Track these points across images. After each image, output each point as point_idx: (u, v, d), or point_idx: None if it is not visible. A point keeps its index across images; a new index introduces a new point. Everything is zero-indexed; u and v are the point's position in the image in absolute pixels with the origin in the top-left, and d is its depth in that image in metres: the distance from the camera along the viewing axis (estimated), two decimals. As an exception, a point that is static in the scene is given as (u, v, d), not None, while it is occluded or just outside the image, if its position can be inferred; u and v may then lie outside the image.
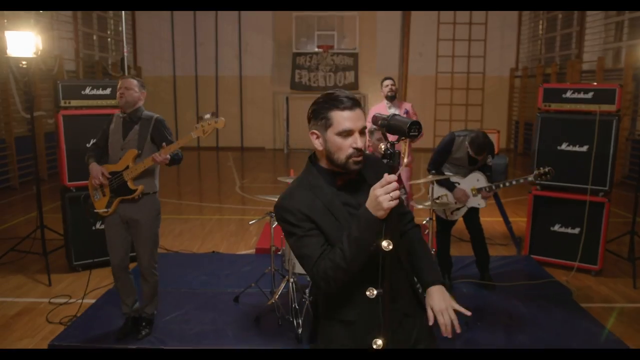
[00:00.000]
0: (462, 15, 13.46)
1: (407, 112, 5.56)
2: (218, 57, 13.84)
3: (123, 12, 6.41)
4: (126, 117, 3.41)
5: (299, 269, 3.73)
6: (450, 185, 4.32)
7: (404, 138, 1.64)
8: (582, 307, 4.04)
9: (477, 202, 4.28)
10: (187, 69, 13.91)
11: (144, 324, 3.56)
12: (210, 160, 12.77)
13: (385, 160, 1.61)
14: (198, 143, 13.91)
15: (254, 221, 4.06)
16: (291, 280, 3.68)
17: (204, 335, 3.57)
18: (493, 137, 5.45)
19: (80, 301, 4.03)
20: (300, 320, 3.53)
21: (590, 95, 4.62)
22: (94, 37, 12.20)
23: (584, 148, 4.67)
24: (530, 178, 4.17)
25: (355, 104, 1.73)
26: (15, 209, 7.52)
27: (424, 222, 4.02)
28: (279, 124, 14.08)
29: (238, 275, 4.58)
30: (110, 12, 12.74)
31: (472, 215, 4.41)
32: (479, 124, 13.71)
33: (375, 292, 1.67)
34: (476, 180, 4.27)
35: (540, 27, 12.97)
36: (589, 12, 10.59)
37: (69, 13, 10.81)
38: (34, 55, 4.42)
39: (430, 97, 13.72)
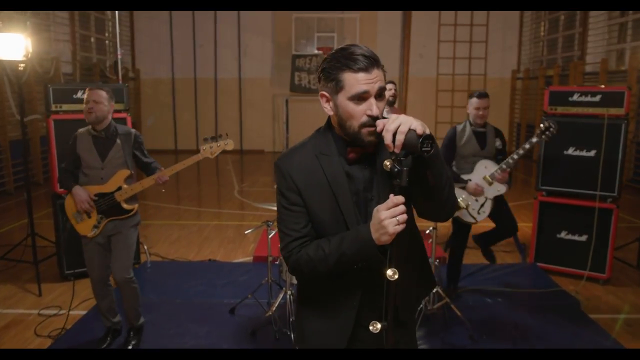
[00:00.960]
0: (463, 17, 13.32)
1: None
2: (217, 59, 13.71)
3: (117, 12, 6.25)
4: (100, 134, 3.23)
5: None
6: (461, 182, 4.03)
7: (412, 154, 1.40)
8: (591, 318, 3.90)
9: (496, 189, 3.99)
10: (186, 71, 13.77)
11: (132, 334, 3.43)
12: (209, 163, 12.62)
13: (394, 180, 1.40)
14: (197, 146, 13.77)
15: (250, 230, 3.92)
16: (289, 292, 3.54)
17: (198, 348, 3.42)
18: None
19: (70, 313, 3.88)
20: (298, 334, 3.39)
21: (597, 98, 4.48)
22: (92, 39, 12.07)
23: (592, 153, 4.52)
24: (535, 139, 3.97)
25: (373, 63, 1.48)
26: (10, 214, 7.38)
27: (427, 231, 3.87)
28: (278, 126, 13.94)
29: (235, 285, 4.44)
30: (109, 14, 12.61)
31: (500, 208, 4.12)
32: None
33: (379, 325, 1.49)
34: (484, 167, 4.00)
35: (542, 28, 12.83)
36: (591, 13, 10.45)
37: (66, 15, 10.68)
38: (24, 58, 4.28)
39: (431, 99, 13.58)
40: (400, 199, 1.40)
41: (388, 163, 1.40)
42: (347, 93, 1.50)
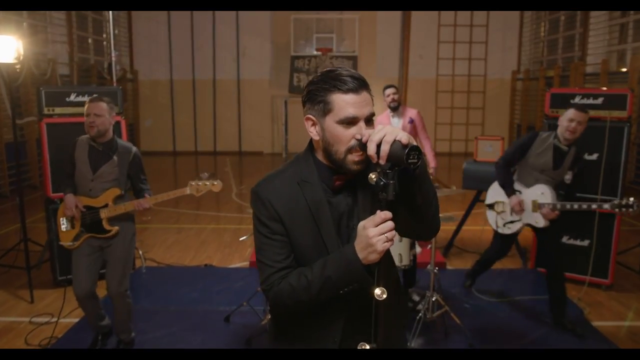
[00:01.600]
0: (463, 17, 13.25)
1: (412, 121, 5.23)
2: (215, 60, 13.64)
3: (110, 13, 6.17)
4: (98, 146, 3.12)
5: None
6: (509, 191, 3.71)
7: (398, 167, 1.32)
8: (594, 326, 3.82)
9: (534, 219, 3.68)
10: (184, 73, 13.70)
11: (121, 346, 3.34)
12: (207, 164, 12.55)
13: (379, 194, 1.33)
14: (196, 147, 13.70)
15: (245, 237, 3.84)
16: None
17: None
18: (497, 145, 5.25)
19: (60, 320, 3.80)
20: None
21: (600, 100, 4.40)
22: (89, 41, 12.01)
23: (594, 156, 4.44)
24: (606, 206, 3.53)
25: (362, 85, 1.42)
26: (5, 217, 7.32)
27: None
28: (277, 128, 13.87)
29: (230, 292, 4.36)
30: (106, 15, 12.53)
31: (544, 238, 3.78)
32: (481, 127, 13.51)
33: (368, 347, 1.41)
34: (540, 193, 3.65)
35: (542, 29, 12.76)
36: (592, 13, 10.38)
37: (63, 16, 10.61)
38: (15, 61, 4.20)
39: (430, 100, 13.51)
40: (388, 214, 1.32)
41: (373, 176, 1.33)
42: (335, 116, 1.43)
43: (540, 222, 3.66)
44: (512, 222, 3.78)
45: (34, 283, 4.36)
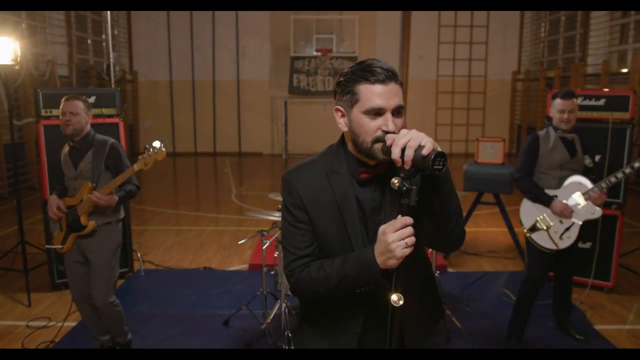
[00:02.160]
0: (463, 18, 13.22)
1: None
2: (215, 61, 13.61)
3: (109, 13, 6.13)
4: (76, 145, 3.08)
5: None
6: (546, 199, 3.32)
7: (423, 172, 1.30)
8: (596, 329, 3.78)
9: (589, 211, 3.30)
10: (183, 74, 13.67)
11: (118, 348, 3.31)
12: (207, 166, 12.52)
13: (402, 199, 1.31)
14: (195, 149, 13.66)
15: (243, 240, 3.80)
16: (284, 303, 3.42)
17: (190, 363, 3.31)
18: (499, 146, 5.21)
19: (58, 324, 3.76)
20: (292, 348, 3.27)
21: (602, 102, 4.36)
22: (89, 41, 11.97)
23: (596, 158, 4.40)
24: None
25: (390, 76, 1.41)
26: (4, 219, 7.28)
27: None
28: (277, 129, 13.84)
29: (230, 295, 4.32)
30: (105, 16, 12.50)
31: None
32: (481, 128, 13.48)
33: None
34: (578, 184, 3.32)
35: (543, 29, 12.73)
36: (593, 14, 10.35)
37: (62, 17, 10.58)
38: (13, 62, 4.16)
39: (431, 100, 13.48)
40: (409, 220, 1.30)
41: (396, 181, 1.31)
42: (361, 106, 1.43)
43: (596, 211, 3.30)
44: (567, 229, 3.32)
45: (32, 286, 4.32)
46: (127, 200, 3.19)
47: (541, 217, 3.34)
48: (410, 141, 1.28)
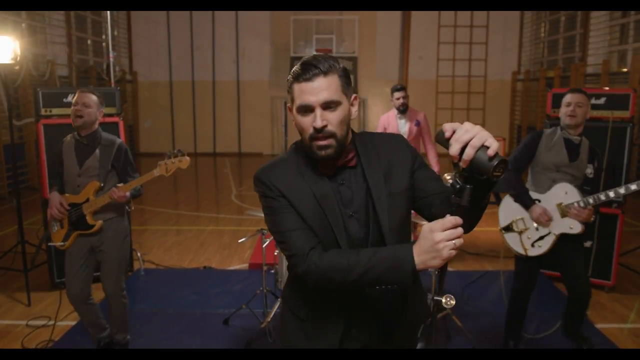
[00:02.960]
0: (463, 18, 13.22)
1: (418, 124, 5.21)
2: (215, 61, 13.61)
3: (108, 13, 6.14)
4: (82, 140, 3.06)
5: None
6: (527, 201, 3.12)
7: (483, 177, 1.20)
8: (597, 328, 3.77)
9: (567, 225, 3.06)
10: (183, 74, 13.67)
11: (117, 347, 3.30)
12: (207, 166, 12.52)
13: (453, 197, 1.24)
14: (195, 149, 13.65)
15: (243, 239, 3.79)
16: (284, 302, 3.41)
17: (190, 362, 3.30)
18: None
19: (58, 323, 3.76)
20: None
21: (602, 100, 4.36)
22: (88, 42, 11.97)
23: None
24: None
25: (319, 72, 1.40)
26: (3, 219, 7.28)
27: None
28: (277, 129, 13.84)
29: (229, 294, 4.31)
30: (105, 16, 12.50)
31: (570, 257, 3.15)
32: (481, 129, 13.45)
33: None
34: (564, 193, 3.07)
35: (543, 29, 12.72)
36: (593, 14, 10.34)
37: (62, 17, 10.58)
38: (12, 61, 4.16)
39: (430, 101, 13.47)
40: (459, 220, 1.24)
41: (448, 177, 1.30)
42: (295, 105, 1.46)
43: (575, 226, 3.05)
44: (541, 237, 3.12)
45: (31, 285, 4.32)
46: (135, 198, 3.18)
47: (518, 218, 3.17)
48: (473, 140, 1.18)
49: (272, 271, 3.86)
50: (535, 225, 3.13)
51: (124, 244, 3.22)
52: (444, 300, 1.26)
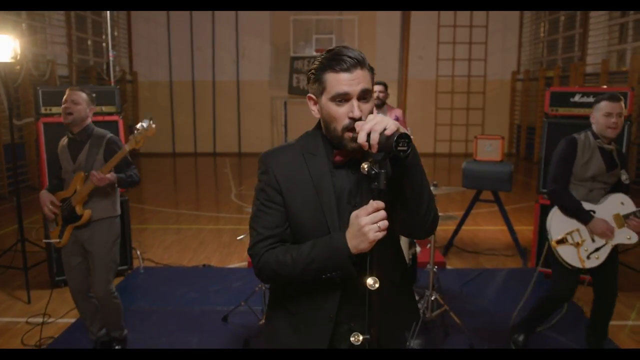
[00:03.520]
0: (463, 18, 13.24)
1: (397, 119, 5.22)
2: (215, 61, 13.63)
3: (108, 12, 6.16)
4: (75, 137, 3.08)
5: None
6: (585, 216, 3.00)
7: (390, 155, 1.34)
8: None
9: (625, 235, 3.00)
10: (183, 74, 13.69)
11: (114, 343, 3.32)
12: (207, 166, 12.54)
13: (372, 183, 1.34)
14: (195, 149, 13.68)
15: (242, 237, 3.81)
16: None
17: (189, 359, 3.32)
18: (497, 144, 5.23)
19: (57, 321, 3.78)
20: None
21: (599, 99, 4.37)
22: (89, 42, 12.00)
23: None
24: None
25: (356, 64, 1.45)
26: (3, 218, 7.30)
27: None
28: (277, 129, 13.85)
29: (228, 292, 4.33)
30: (105, 16, 12.52)
31: (609, 266, 3.08)
32: (480, 128, 13.49)
33: (361, 338, 1.40)
34: (620, 203, 3.01)
35: (542, 29, 12.75)
36: (592, 14, 10.37)
37: (62, 17, 10.60)
38: (12, 60, 4.18)
39: (430, 101, 13.50)
40: (380, 203, 1.33)
41: (365, 165, 1.35)
42: (328, 94, 1.47)
43: (633, 237, 2.99)
44: (597, 249, 3.03)
45: (31, 284, 4.34)
46: (128, 187, 3.17)
47: (574, 230, 3.05)
48: (375, 125, 1.32)
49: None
50: (591, 236, 3.03)
51: (115, 246, 3.19)
52: (370, 282, 1.33)
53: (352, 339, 1.42)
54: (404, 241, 3.47)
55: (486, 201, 5.56)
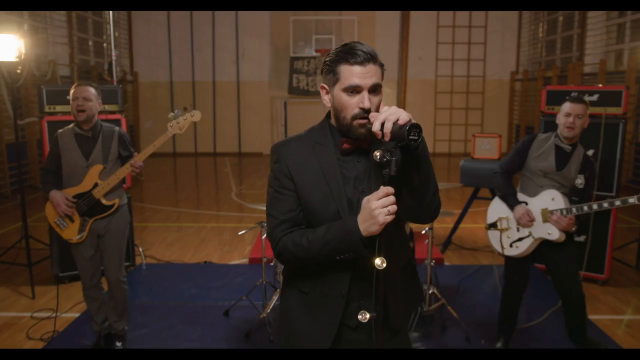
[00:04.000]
0: (462, 18, 13.31)
1: None
2: (215, 62, 13.70)
3: (111, 13, 6.23)
4: (87, 133, 3.13)
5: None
6: (512, 202, 3.19)
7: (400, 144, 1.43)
8: (590, 319, 3.85)
9: (546, 230, 3.10)
10: (184, 74, 13.76)
11: (116, 341, 3.38)
12: (207, 166, 12.60)
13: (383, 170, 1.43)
14: (195, 149, 13.74)
15: (243, 232, 3.87)
16: (283, 293, 3.49)
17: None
18: (495, 142, 5.29)
19: (62, 315, 3.85)
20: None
21: (595, 97, 4.45)
22: (89, 42, 12.06)
23: (589, 152, 4.47)
24: (632, 200, 2.91)
25: (369, 58, 1.54)
26: (6, 217, 7.35)
27: (423, 232, 3.83)
28: (277, 129, 13.92)
29: (230, 287, 4.40)
30: (106, 17, 12.59)
31: (556, 262, 3.17)
32: (480, 128, 13.55)
33: (368, 315, 1.50)
34: (551, 199, 3.11)
35: (541, 29, 12.82)
36: (590, 14, 10.44)
37: (63, 17, 10.67)
38: (17, 59, 4.25)
39: (429, 101, 13.56)
40: (390, 189, 1.42)
41: (377, 153, 1.43)
42: (341, 85, 1.56)
43: (554, 233, 3.09)
44: (520, 239, 3.19)
45: (35, 280, 4.40)
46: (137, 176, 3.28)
47: (504, 216, 3.25)
48: (389, 115, 1.41)
49: (272, 264, 3.93)
50: (517, 226, 3.19)
51: (126, 230, 3.32)
52: (378, 262, 1.42)
53: (359, 316, 1.51)
54: None
55: (484, 199, 5.62)
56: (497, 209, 3.33)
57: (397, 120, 1.40)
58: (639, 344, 3.57)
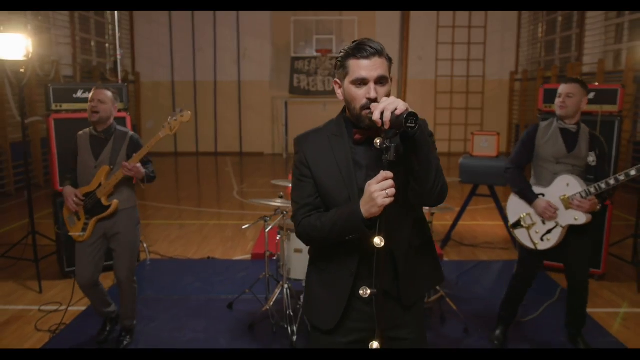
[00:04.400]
0: (461, 19, 13.40)
1: None
2: (216, 62, 13.79)
3: (116, 13, 6.32)
4: (100, 134, 3.23)
5: (294, 275, 3.65)
6: (530, 196, 3.15)
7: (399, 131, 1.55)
8: (587, 312, 3.92)
9: (572, 216, 3.06)
10: (185, 75, 13.84)
11: (123, 334, 3.46)
12: (208, 165, 12.68)
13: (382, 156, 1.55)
14: (197, 148, 13.82)
15: (247, 226, 3.97)
16: (285, 286, 3.58)
17: (196, 342, 3.47)
18: (493, 140, 5.37)
19: (70, 309, 3.92)
20: (294, 328, 3.43)
21: (591, 95, 4.52)
22: (92, 43, 12.15)
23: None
24: None
25: (375, 53, 1.68)
26: (10, 215, 7.43)
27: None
28: (277, 129, 14.01)
29: (233, 282, 4.48)
30: (108, 17, 12.69)
31: (570, 244, 3.15)
32: (479, 128, 13.63)
33: (368, 291, 1.63)
34: (565, 185, 3.07)
35: (540, 29, 12.90)
36: (588, 14, 10.52)
37: (66, 17, 10.76)
38: (25, 59, 4.33)
39: (429, 101, 13.65)
40: (389, 174, 1.53)
41: (378, 140, 1.53)
42: (350, 78, 1.70)
43: (580, 217, 3.04)
44: (549, 231, 3.12)
45: (42, 275, 4.48)
46: (149, 182, 3.34)
47: (525, 214, 3.20)
48: (388, 105, 1.53)
49: (275, 258, 4.02)
50: (541, 219, 3.14)
51: (137, 231, 3.39)
52: (377, 241, 1.54)
53: (360, 291, 1.64)
54: None
55: (483, 196, 5.71)
56: (515, 206, 3.26)
57: (395, 109, 1.51)
58: (635, 337, 3.64)
